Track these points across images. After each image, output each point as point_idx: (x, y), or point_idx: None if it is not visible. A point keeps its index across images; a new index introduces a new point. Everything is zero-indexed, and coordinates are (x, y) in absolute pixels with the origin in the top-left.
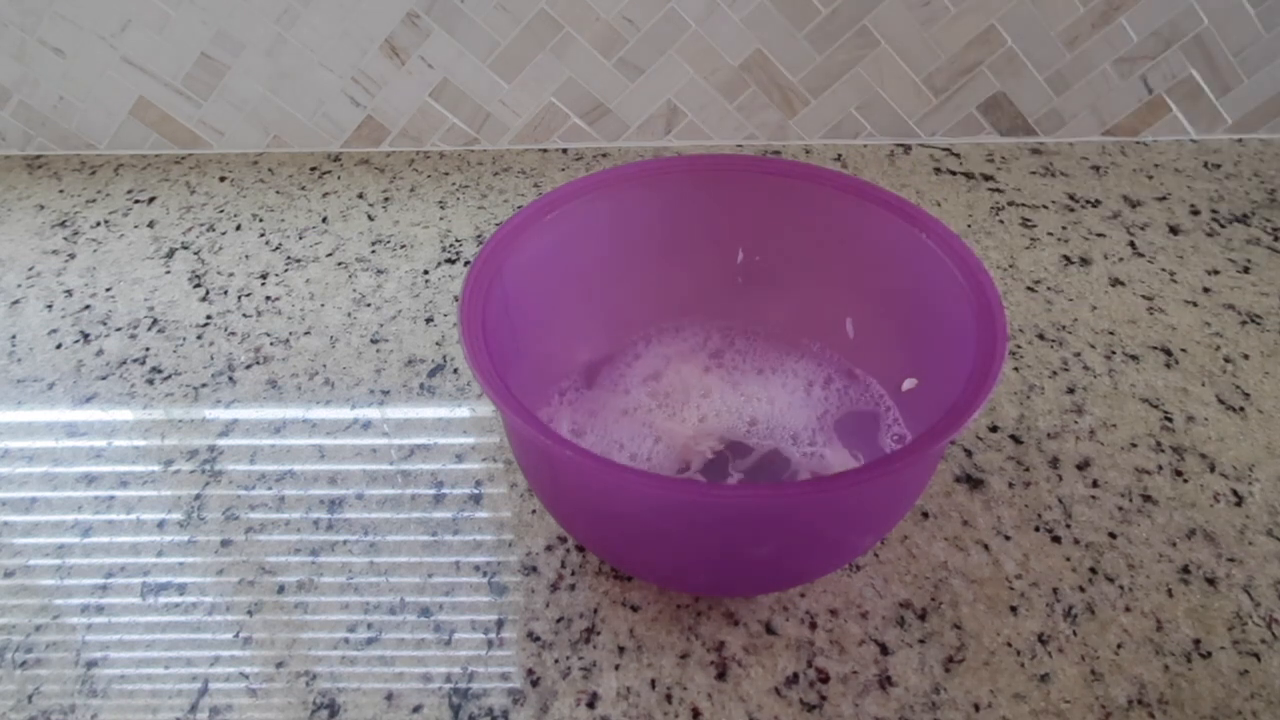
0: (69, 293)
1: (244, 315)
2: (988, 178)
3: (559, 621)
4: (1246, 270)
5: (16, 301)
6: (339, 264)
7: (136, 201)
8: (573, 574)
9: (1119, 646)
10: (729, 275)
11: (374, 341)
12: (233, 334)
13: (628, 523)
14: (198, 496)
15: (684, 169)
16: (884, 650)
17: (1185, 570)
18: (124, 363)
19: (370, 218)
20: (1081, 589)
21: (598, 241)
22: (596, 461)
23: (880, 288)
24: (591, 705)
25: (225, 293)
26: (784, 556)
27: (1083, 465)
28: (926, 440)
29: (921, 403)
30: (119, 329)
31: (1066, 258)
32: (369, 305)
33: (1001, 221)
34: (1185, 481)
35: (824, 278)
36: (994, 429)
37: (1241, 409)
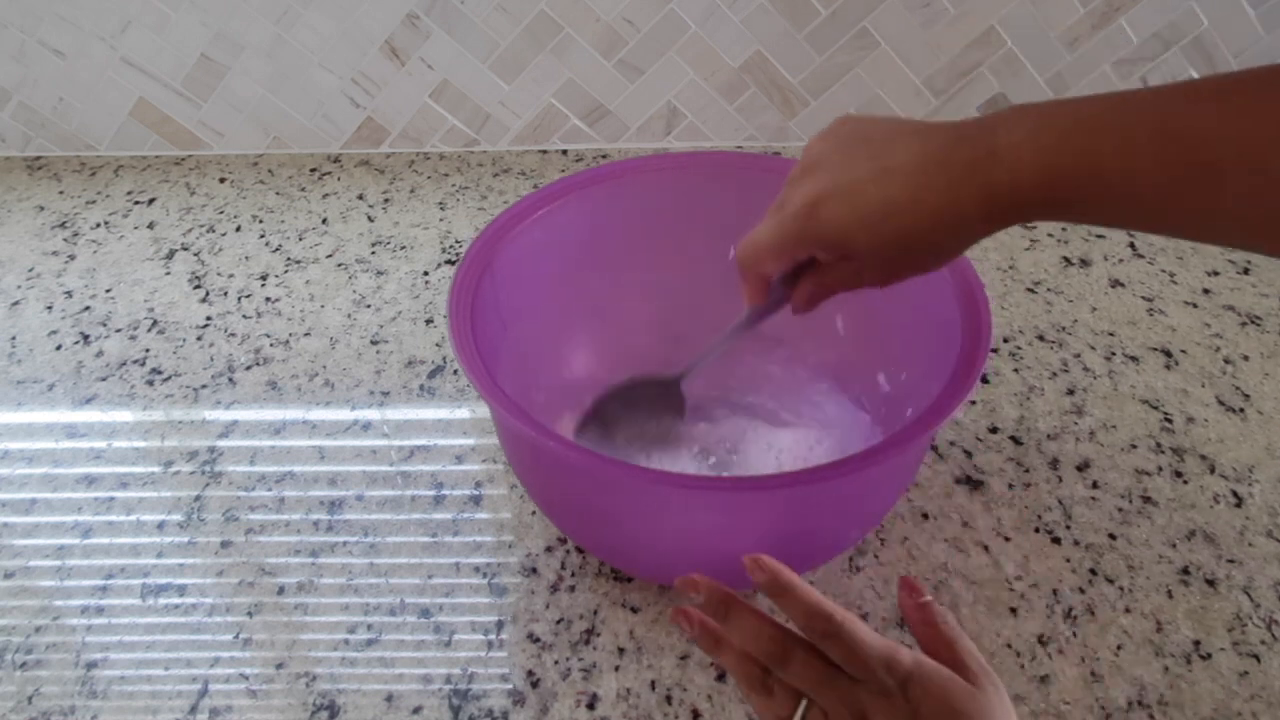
0: (69, 294)
1: (244, 316)
2: None
3: (559, 623)
4: (1246, 271)
5: (16, 303)
6: (339, 265)
7: (136, 203)
8: (573, 575)
9: (1119, 648)
10: (721, 272)
11: (374, 343)
12: (233, 335)
13: (612, 515)
14: (198, 498)
15: (675, 167)
16: None
17: (1185, 571)
18: (124, 364)
19: (370, 219)
20: (1081, 590)
21: (588, 238)
22: (580, 453)
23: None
24: (591, 706)
25: (225, 294)
26: (772, 548)
27: (1083, 466)
28: (904, 435)
29: (909, 398)
30: (119, 330)
31: (1066, 259)
32: (369, 306)
33: None
34: (1185, 483)
35: None
36: (994, 430)
37: (1241, 410)
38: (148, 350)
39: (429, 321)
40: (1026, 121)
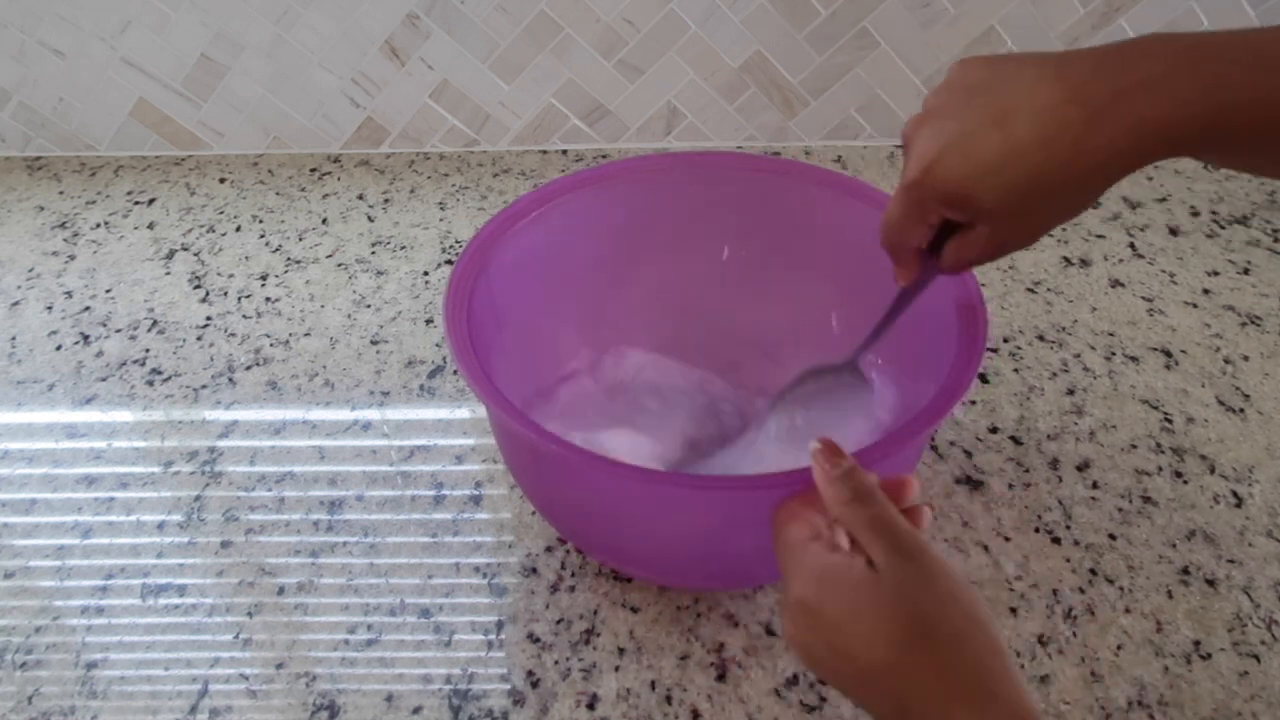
0: (69, 294)
1: (244, 316)
2: None
3: (559, 623)
4: (1246, 271)
5: (17, 303)
6: (339, 265)
7: (136, 203)
8: (573, 575)
9: (1119, 648)
10: (715, 272)
11: (374, 343)
12: (233, 335)
13: (609, 514)
14: (198, 498)
15: (673, 167)
16: None
17: (1185, 572)
18: (124, 364)
19: (370, 219)
20: (1081, 590)
21: (586, 239)
22: (576, 453)
23: (864, 283)
24: (591, 707)
25: (225, 294)
26: (770, 546)
27: (1083, 466)
28: (901, 434)
29: (901, 396)
30: (119, 330)
31: (1066, 259)
32: (369, 306)
33: None
34: (1185, 483)
35: (809, 274)
36: (994, 430)
37: (1241, 410)
38: (148, 350)
39: (429, 321)
40: (1172, 48)
